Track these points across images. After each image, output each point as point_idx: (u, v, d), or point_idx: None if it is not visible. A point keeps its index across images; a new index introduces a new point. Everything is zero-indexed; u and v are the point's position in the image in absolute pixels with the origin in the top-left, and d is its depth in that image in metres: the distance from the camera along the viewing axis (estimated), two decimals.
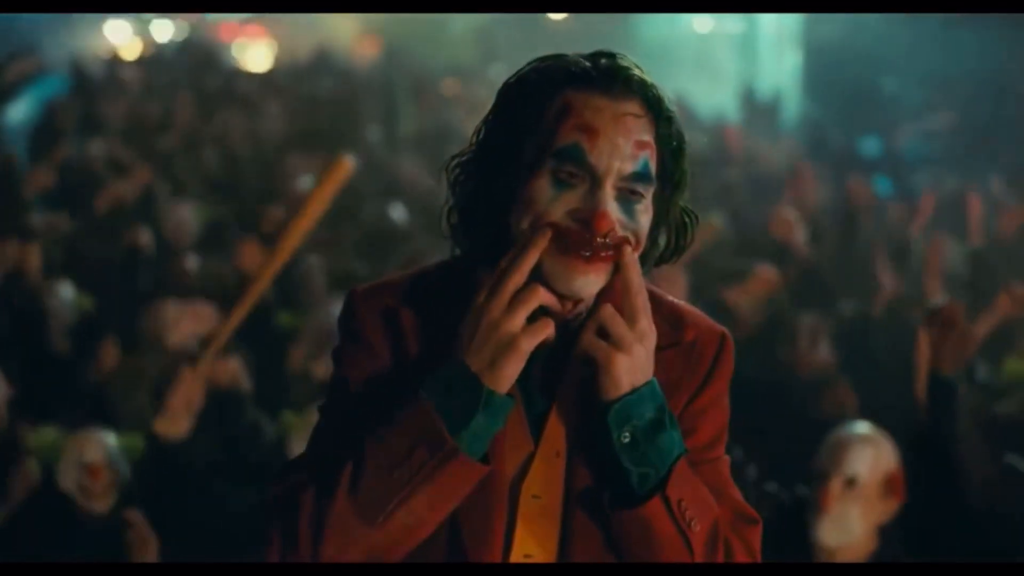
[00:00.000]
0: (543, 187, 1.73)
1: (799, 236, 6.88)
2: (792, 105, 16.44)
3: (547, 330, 1.71)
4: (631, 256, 1.74)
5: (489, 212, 1.79)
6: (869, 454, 3.50)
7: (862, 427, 3.66)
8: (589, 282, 1.74)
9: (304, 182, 9.06)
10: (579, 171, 1.72)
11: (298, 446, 4.27)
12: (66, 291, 6.20)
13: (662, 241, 1.85)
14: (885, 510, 3.50)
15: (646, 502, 1.73)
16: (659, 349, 1.79)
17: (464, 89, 15.58)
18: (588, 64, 1.77)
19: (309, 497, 1.74)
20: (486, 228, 1.80)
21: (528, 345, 1.70)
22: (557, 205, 1.72)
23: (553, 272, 1.73)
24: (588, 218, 1.71)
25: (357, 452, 1.73)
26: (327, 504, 1.72)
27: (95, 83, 13.27)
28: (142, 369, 5.04)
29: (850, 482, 3.45)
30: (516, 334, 1.69)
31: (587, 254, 1.72)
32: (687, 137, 1.82)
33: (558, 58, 1.81)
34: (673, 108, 1.80)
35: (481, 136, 1.83)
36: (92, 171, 9.02)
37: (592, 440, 1.78)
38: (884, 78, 15.26)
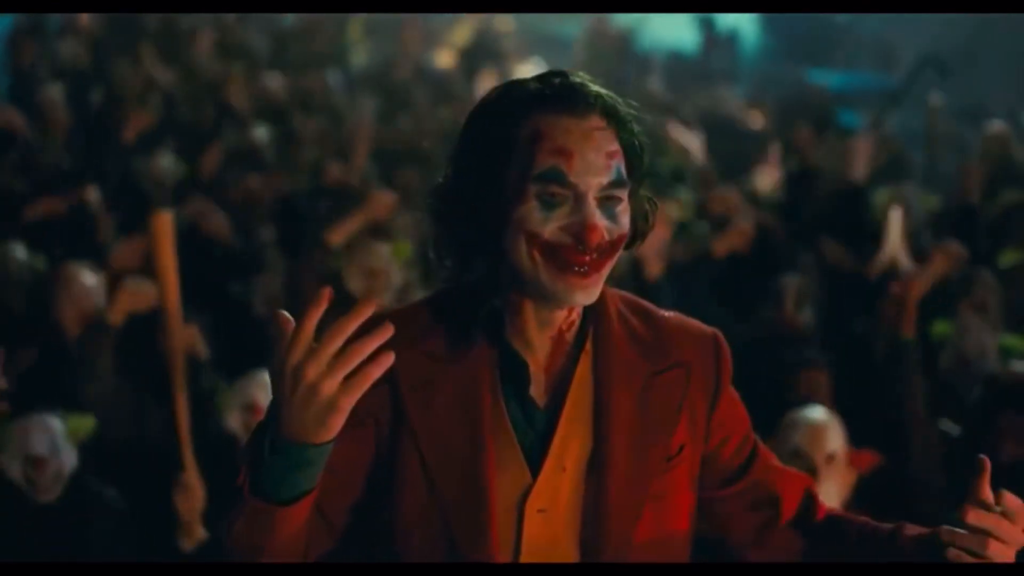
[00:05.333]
0: (532, 209, 1.87)
1: (742, 216, 6.59)
2: (750, 37, 16.33)
3: (366, 385, 1.68)
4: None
5: (481, 237, 1.92)
6: (839, 433, 3.75)
7: (818, 410, 3.84)
8: (589, 293, 1.89)
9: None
10: (562, 190, 1.87)
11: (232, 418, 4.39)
12: (19, 252, 6.04)
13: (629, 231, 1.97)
14: (848, 483, 3.74)
15: None
16: (658, 373, 1.98)
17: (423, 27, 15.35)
18: (542, 86, 1.91)
19: None
20: (480, 253, 1.94)
21: (348, 403, 1.68)
22: (548, 223, 1.87)
23: (554, 290, 1.88)
24: (579, 232, 1.86)
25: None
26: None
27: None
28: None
29: (829, 458, 3.67)
30: (334, 394, 1.67)
31: (583, 270, 1.87)
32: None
33: (514, 85, 1.95)
34: (629, 110, 1.93)
35: (457, 166, 1.95)
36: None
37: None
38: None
